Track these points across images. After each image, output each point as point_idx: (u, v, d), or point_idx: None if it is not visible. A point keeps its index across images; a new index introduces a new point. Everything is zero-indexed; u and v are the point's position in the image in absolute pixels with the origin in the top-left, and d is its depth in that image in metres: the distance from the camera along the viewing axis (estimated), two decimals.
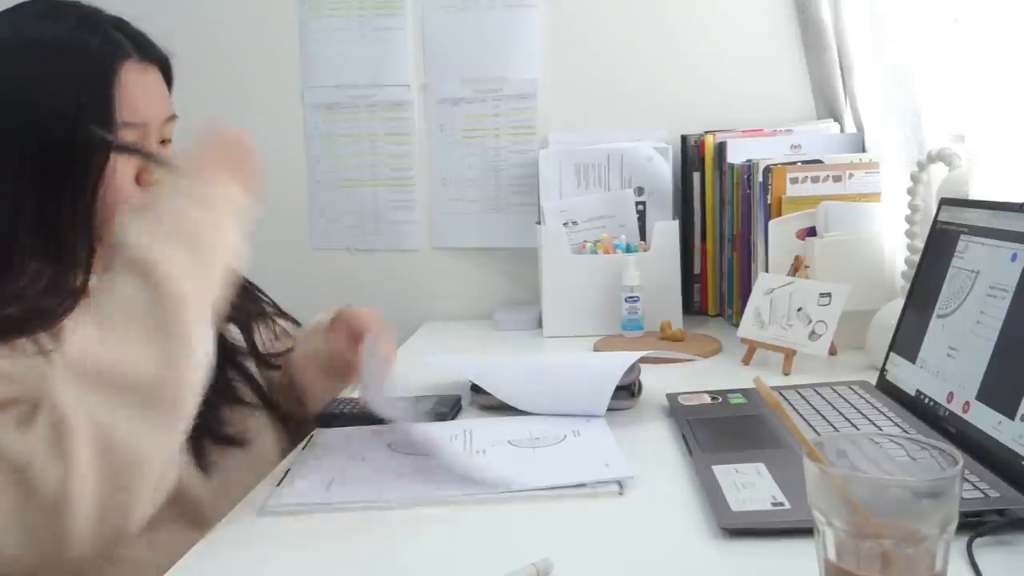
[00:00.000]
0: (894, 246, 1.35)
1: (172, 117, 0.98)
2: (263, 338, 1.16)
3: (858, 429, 0.95)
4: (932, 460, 0.59)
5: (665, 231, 1.61)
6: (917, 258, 1.16)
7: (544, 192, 1.68)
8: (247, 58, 1.79)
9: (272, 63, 1.80)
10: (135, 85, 0.92)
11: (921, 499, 0.55)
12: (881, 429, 0.95)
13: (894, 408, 1.01)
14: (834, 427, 0.96)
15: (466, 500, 0.83)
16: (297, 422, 1.14)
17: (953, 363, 0.94)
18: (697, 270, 1.72)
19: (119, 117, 0.89)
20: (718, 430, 0.98)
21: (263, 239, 0.88)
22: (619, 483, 0.85)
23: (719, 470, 0.84)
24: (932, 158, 1.22)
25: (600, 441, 0.97)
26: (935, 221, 1.08)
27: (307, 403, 1.14)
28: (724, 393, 1.11)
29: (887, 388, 1.08)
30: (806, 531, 0.61)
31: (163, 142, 0.97)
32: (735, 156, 1.60)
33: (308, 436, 1.05)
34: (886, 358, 1.10)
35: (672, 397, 1.10)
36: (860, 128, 1.58)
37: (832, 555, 0.57)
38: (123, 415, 0.72)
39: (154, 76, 0.96)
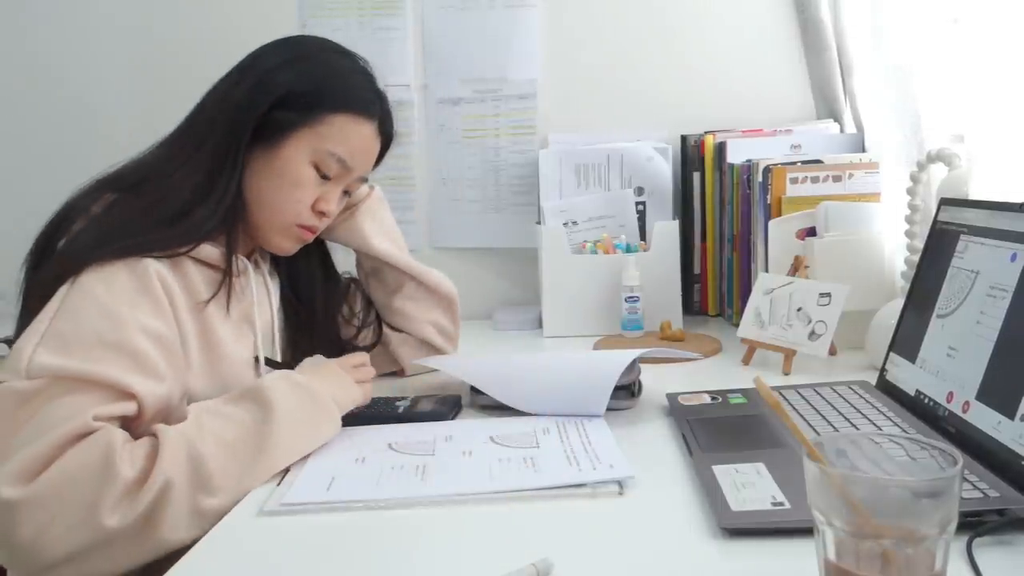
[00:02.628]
0: (894, 246, 1.35)
1: (365, 178, 1.16)
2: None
3: (858, 429, 0.95)
4: (932, 460, 0.59)
5: (665, 231, 1.61)
6: (917, 258, 1.17)
7: (544, 192, 1.68)
8: None
9: None
10: (363, 138, 1.09)
11: (921, 499, 0.55)
12: (881, 429, 0.95)
13: (894, 408, 1.01)
14: (834, 427, 0.96)
15: (466, 500, 0.83)
16: None
17: (953, 363, 0.94)
18: (697, 270, 1.73)
19: (338, 151, 1.06)
20: (718, 430, 0.98)
21: None
22: (619, 483, 0.85)
23: (719, 470, 0.84)
24: (932, 158, 1.22)
25: (600, 441, 0.97)
26: (935, 221, 1.08)
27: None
28: (724, 393, 1.11)
29: (887, 388, 1.08)
30: (806, 531, 0.61)
31: (345, 192, 1.14)
32: (735, 156, 1.60)
33: None
34: (886, 358, 1.10)
35: (672, 397, 1.11)
36: (860, 128, 1.59)
37: (832, 555, 0.57)
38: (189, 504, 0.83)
39: (376, 144, 1.12)
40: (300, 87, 1.03)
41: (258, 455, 0.88)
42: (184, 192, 0.99)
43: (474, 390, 1.14)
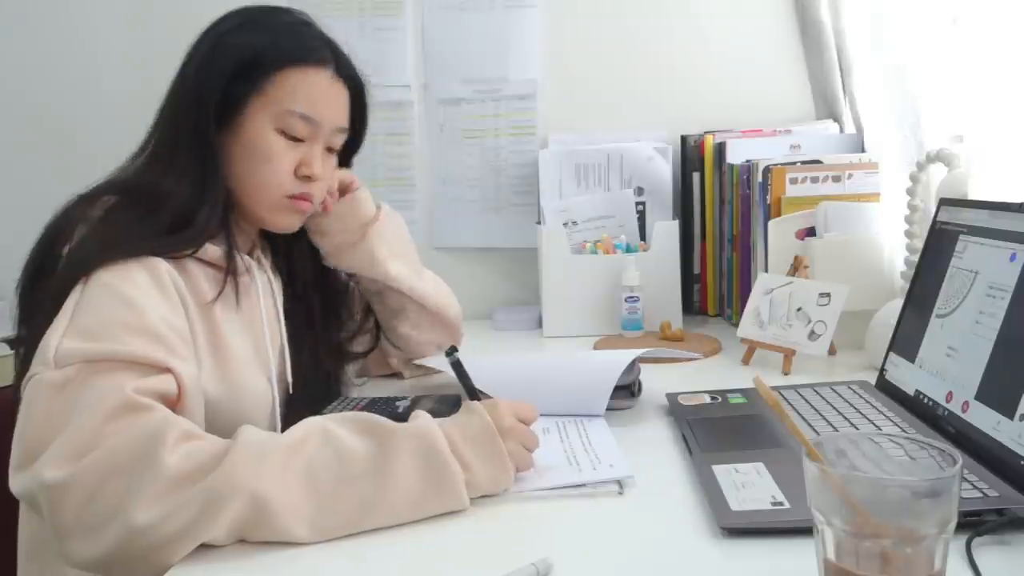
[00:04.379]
0: (893, 246, 1.35)
1: (343, 129, 1.09)
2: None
3: (858, 429, 0.95)
4: (931, 460, 0.60)
5: (665, 231, 1.61)
6: (916, 258, 1.17)
7: (544, 192, 1.68)
8: None
9: None
10: (319, 87, 1.04)
11: (920, 499, 0.55)
12: (880, 429, 0.95)
13: (893, 408, 1.01)
14: (834, 427, 0.96)
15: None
16: None
17: (952, 363, 0.94)
18: (697, 270, 1.73)
19: (296, 107, 1.01)
20: (718, 430, 0.98)
21: None
22: (619, 483, 0.85)
23: (719, 470, 0.84)
24: (931, 158, 1.22)
25: (600, 441, 0.97)
26: (934, 221, 1.08)
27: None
28: (724, 393, 1.11)
29: (886, 388, 1.08)
30: (806, 531, 0.61)
31: (329, 149, 1.08)
32: (734, 156, 1.60)
33: None
34: (885, 358, 1.10)
35: (672, 397, 1.11)
36: (859, 128, 1.59)
37: (832, 555, 0.57)
38: (241, 530, 0.74)
39: (340, 90, 1.07)
40: (238, 59, 1.00)
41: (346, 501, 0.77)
42: (179, 197, 0.97)
43: None
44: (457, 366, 0.95)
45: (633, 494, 0.84)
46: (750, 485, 0.80)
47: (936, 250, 1.05)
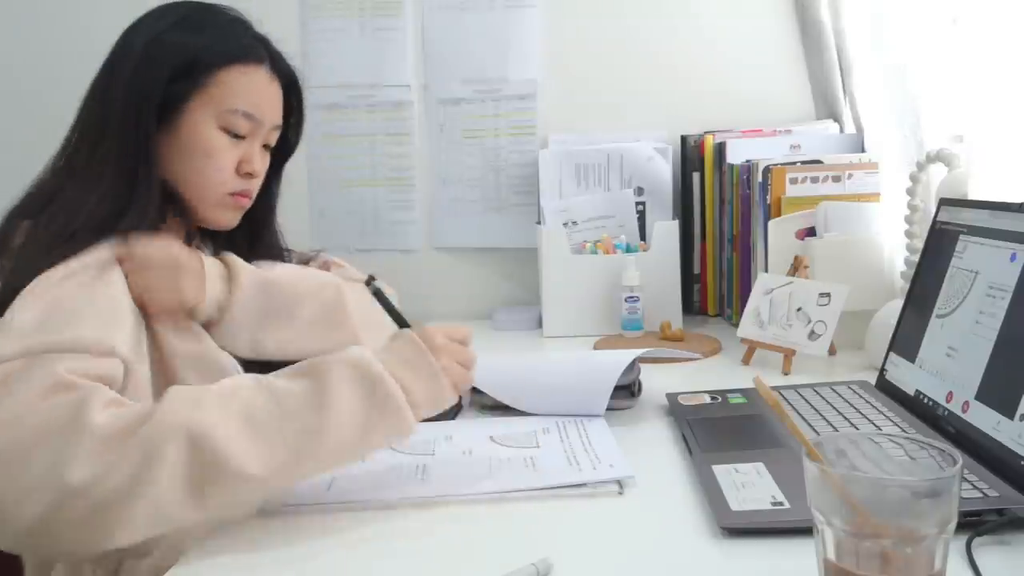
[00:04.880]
0: (893, 246, 1.35)
1: (279, 127, 1.08)
2: None
3: (858, 429, 0.95)
4: (931, 460, 0.60)
5: (665, 231, 1.61)
6: (916, 258, 1.17)
7: (544, 192, 1.68)
8: None
9: None
10: (259, 85, 1.03)
11: (920, 499, 0.55)
12: (880, 429, 0.95)
13: (894, 408, 1.01)
14: (834, 427, 0.96)
15: (466, 500, 0.84)
16: None
17: (952, 363, 0.94)
18: (697, 270, 1.73)
19: (239, 106, 1.00)
20: (718, 430, 0.98)
21: None
22: (619, 483, 0.85)
23: (719, 470, 0.84)
24: (931, 158, 1.22)
25: (600, 441, 0.97)
26: (934, 221, 1.08)
27: None
28: (724, 393, 1.11)
29: (887, 388, 1.08)
30: (805, 531, 0.61)
31: (264, 146, 1.07)
32: (734, 156, 1.60)
33: None
34: (885, 358, 1.10)
35: (672, 397, 1.11)
36: (859, 128, 1.59)
37: (832, 555, 0.57)
38: (189, 476, 0.71)
39: (276, 87, 1.06)
40: (179, 58, 0.98)
41: (297, 438, 0.76)
42: (104, 203, 0.93)
43: (474, 390, 1.14)
44: (378, 294, 0.94)
45: (633, 494, 0.84)
46: (750, 485, 0.80)
47: (936, 250, 1.05)
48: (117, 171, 0.95)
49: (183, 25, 1.01)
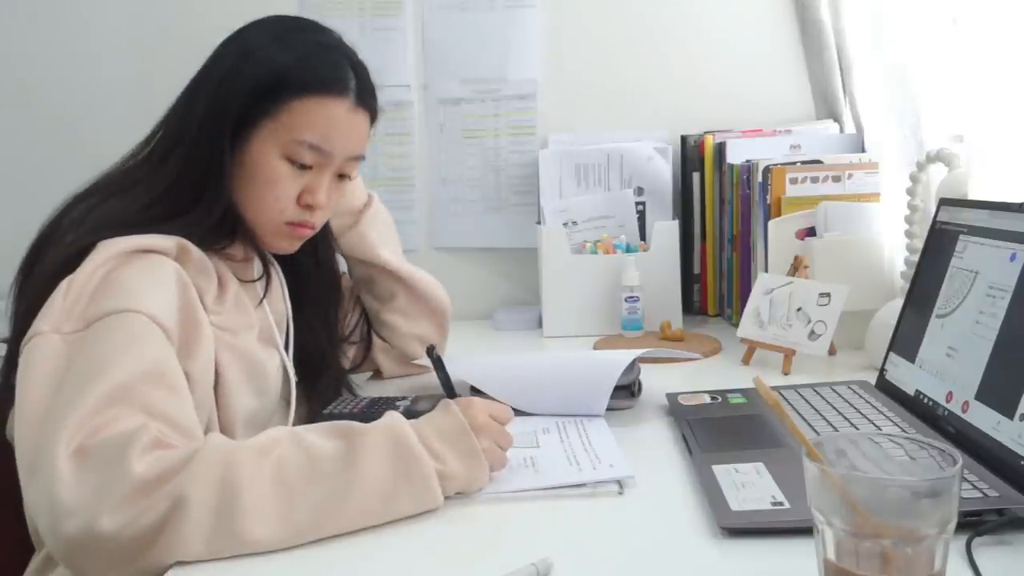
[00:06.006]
0: (893, 246, 1.35)
1: (359, 157, 1.06)
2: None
3: (858, 429, 0.95)
4: (931, 460, 0.60)
5: (665, 231, 1.61)
6: (916, 258, 1.17)
7: (544, 192, 1.68)
8: None
9: None
10: (335, 119, 1.00)
11: (920, 499, 0.55)
12: (881, 429, 0.95)
13: (893, 408, 1.01)
14: (834, 427, 0.96)
15: (466, 500, 0.83)
16: None
17: (952, 363, 0.94)
18: (697, 270, 1.73)
19: (306, 137, 0.98)
20: (718, 430, 0.98)
21: None
22: (619, 483, 0.85)
23: (719, 470, 0.84)
24: (931, 158, 1.22)
25: (600, 441, 0.97)
26: (934, 221, 1.08)
27: None
28: (724, 393, 1.11)
29: (886, 388, 1.08)
30: (805, 531, 0.61)
31: (340, 176, 1.05)
32: (735, 156, 1.60)
33: None
34: (885, 358, 1.10)
35: (672, 397, 1.11)
36: (859, 128, 1.59)
37: (832, 555, 0.57)
38: (209, 534, 0.72)
39: (360, 119, 1.03)
40: (262, 78, 0.97)
41: (319, 502, 0.76)
42: (161, 207, 0.95)
43: (474, 390, 1.14)
44: (438, 363, 0.96)
45: (633, 494, 0.84)
46: (750, 485, 0.80)
47: (936, 250, 1.05)
48: (184, 179, 0.96)
49: (278, 42, 0.99)
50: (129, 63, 1.82)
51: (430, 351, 0.97)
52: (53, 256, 0.90)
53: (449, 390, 0.93)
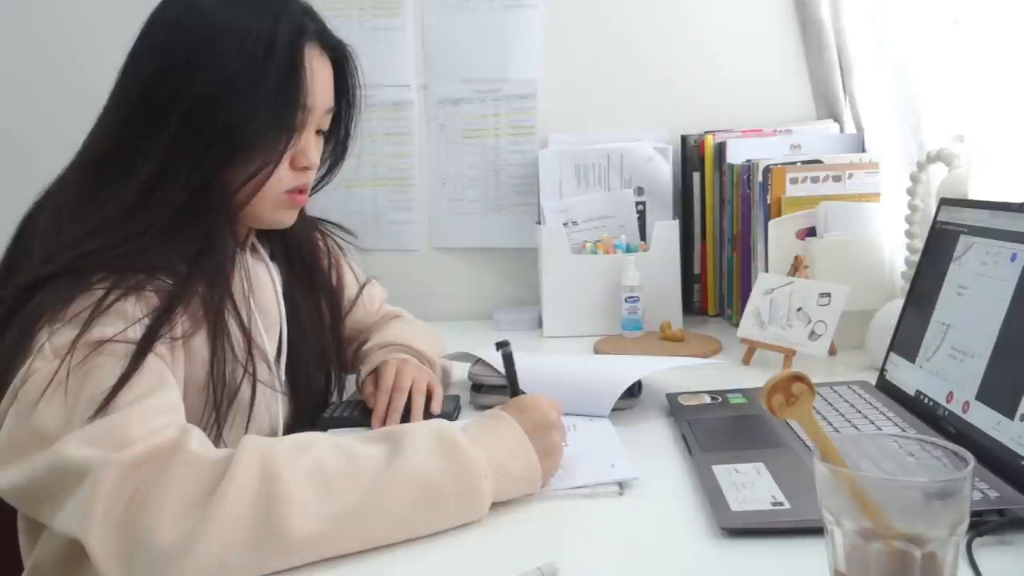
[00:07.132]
0: (894, 246, 1.35)
1: (330, 110, 0.99)
2: None
3: (858, 429, 0.95)
4: (936, 461, 0.59)
5: (665, 231, 1.61)
6: (917, 258, 1.17)
7: (544, 192, 1.68)
8: None
9: None
10: (314, 70, 0.93)
11: (932, 500, 0.54)
12: (881, 429, 0.95)
13: (894, 408, 1.01)
14: (834, 427, 0.96)
15: None
16: None
17: (953, 363, 0.94)
18: (697, 270, 1.73)
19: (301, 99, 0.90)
20: (718, 430, 0.98)
21: None
22: (619, 483, 0.85)
23: (719, 470, 0.84)
24: (931, 158, 1.22)
25: (605, 441, 0.97)
26: (935, 221, 1.08)
27: None
28: (724, 393, 1.11)
29: (887, 388, 1.08)
30: (806, 531, 0.61)
31: (318, 132, 0.98)
32: (735, 156, 1.60)
33: None
34: (886, 358, 1.10)
35: (672, 397, 1.11)
36: (860, 128, 1.59)
37: (841, 556, 0.57)
38: (255, 534, 0.70)
39: (326, 65, 0.97)
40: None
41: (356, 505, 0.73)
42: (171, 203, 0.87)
43: (474, 390, 1.14)
44: (508, 359, 0.96)
45: (633, 494, 0.84)
46: (750, 485, 0.80)
47: (936, 250, 1.05)
48: (166, 169, 0.88)
49: (226, 5, 0.92)
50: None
51: (503, 344, 0.97)
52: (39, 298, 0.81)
53: (514, 387, 0.94)
